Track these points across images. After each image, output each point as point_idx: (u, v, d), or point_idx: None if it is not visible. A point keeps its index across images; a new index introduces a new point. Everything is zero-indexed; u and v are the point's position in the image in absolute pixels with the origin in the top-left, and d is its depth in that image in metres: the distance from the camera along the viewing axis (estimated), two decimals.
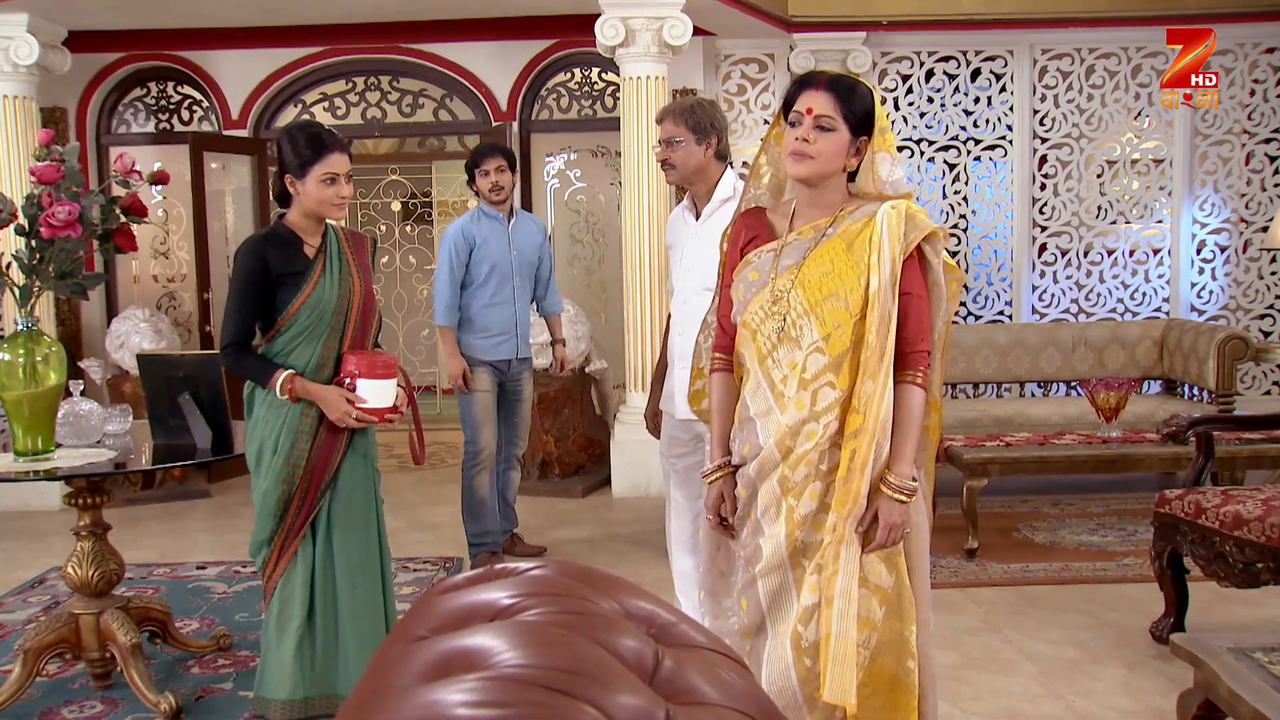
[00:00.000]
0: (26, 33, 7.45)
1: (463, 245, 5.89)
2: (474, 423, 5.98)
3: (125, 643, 4.20)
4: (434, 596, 1.69)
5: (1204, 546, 4.45)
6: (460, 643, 1.38)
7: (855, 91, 2.86)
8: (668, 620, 1.68)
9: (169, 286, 9.33)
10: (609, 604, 1.66)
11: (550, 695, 1.12)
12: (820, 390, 2.83)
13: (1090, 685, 4.37)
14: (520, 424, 6.27)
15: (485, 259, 5.91)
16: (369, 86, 9.14)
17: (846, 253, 2.84)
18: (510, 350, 6.02)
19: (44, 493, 7.57)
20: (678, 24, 7.24)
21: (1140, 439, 6.46)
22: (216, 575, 6.06)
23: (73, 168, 4.10)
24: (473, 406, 5.98)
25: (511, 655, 1.19)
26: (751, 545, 2.93)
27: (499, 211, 5.99)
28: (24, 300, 4.14)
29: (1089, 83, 8.63)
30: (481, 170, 5.93)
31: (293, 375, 3.68)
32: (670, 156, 4.25)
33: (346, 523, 3.81)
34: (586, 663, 1.24)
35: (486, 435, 6.00)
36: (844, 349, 2.83)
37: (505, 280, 5.96)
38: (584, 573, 1.78)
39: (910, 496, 2.84)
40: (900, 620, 2.87)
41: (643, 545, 6.45)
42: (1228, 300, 8.78)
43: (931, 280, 2.93)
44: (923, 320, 2.88)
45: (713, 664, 1.56)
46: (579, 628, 1.46)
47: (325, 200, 3.70)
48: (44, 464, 4.11)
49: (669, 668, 1.46)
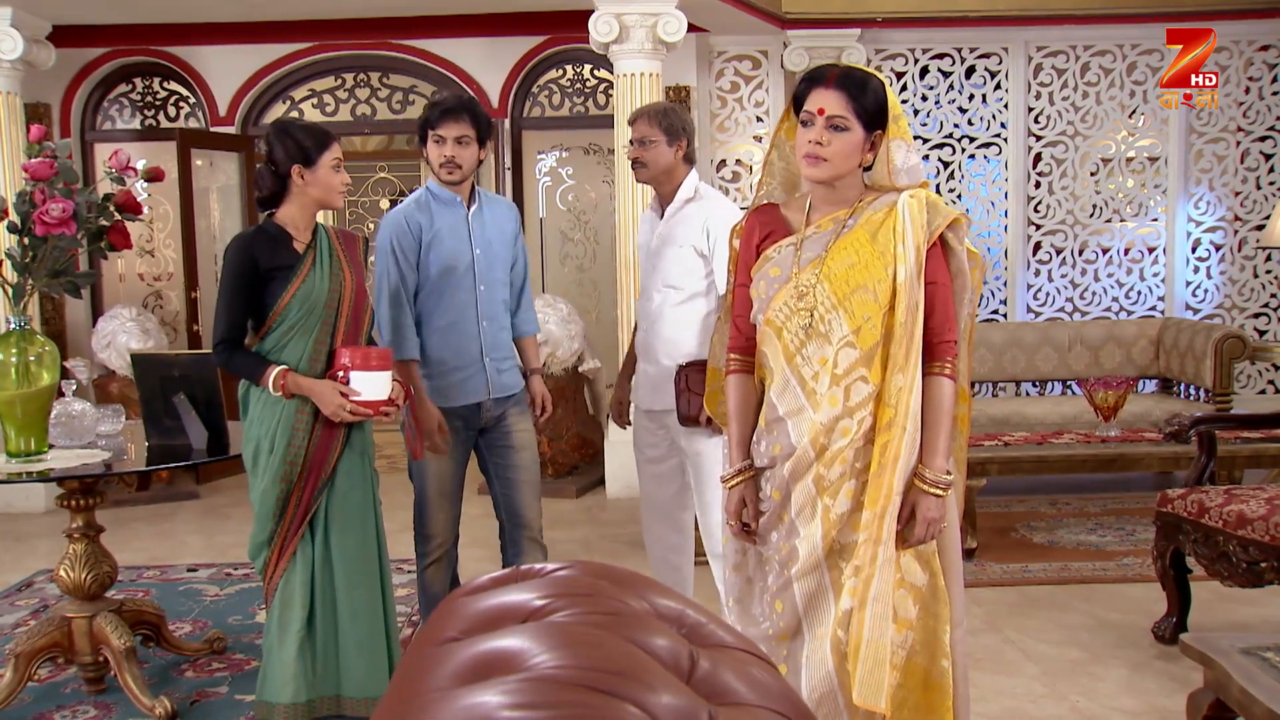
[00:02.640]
0: (10, 27, 7.36)
1: (409, 240, 4.22)
2: (423, 500, 4.36)
3: (119, 646, 4.16)
4: (460, 598, 1.65)
5: (1207, 546, 4.45)
6: (494, 644, 1.36)
7: (867, 87, 2.81)
8: (697, 620, 1.66)
9: (155, 285, 9.24)
10: (639, 603, 1.63)
11: (593, 695, 1.12)
12: (854, 385, 2.79)
13: (1094, 686, 4.35)
14: (524, 487, 4.47)
15: (436, 259, 4.23)
16: (358, 83, 9.07)
17: (871, 243, 2.80)
18: (479, 388, 4.31)
19: (28, 494, 7.49)
20: (672, 20, 7.19)
21: (1139, 438, 6.45)
22: (208, 577, 5.99)
23: (66, 164, 4.05)
24: (425, 476, 4.33)
25: (549, 656, 1.18)
26: (786, 548, 2.88)
27: (455, 194, 4.31)
28: (17, 299, 4.09)
29: (1084, 80, 8.61)
30: (436, 135, 4.21)
31: (285, 370, 3.64)
32: (642, 155, 4.35)
33: (344, 522, 3.77)
34: (626, 663, 1.24)
35: (439, 520, 4.36)
36: (875, 342, 2.79)
37: (465, 288, 4.27)
38: (609, 572, 1.75)
39: (946, 490, 2.81)
40: (935, 619, 2.84)
41: (638, 546, 6.35)
42: (1223, 299, 8.77)
43: (956, 268, 2.90)
44: (948, 310, 2.85)
45: (745, 664, 1.55)
46: (614, 628, 1.44)
47: (334, 187, 3.75)
48: (37, 465, 4.07)
49: (705, 668, 1.45)
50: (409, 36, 8.70)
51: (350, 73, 9.04)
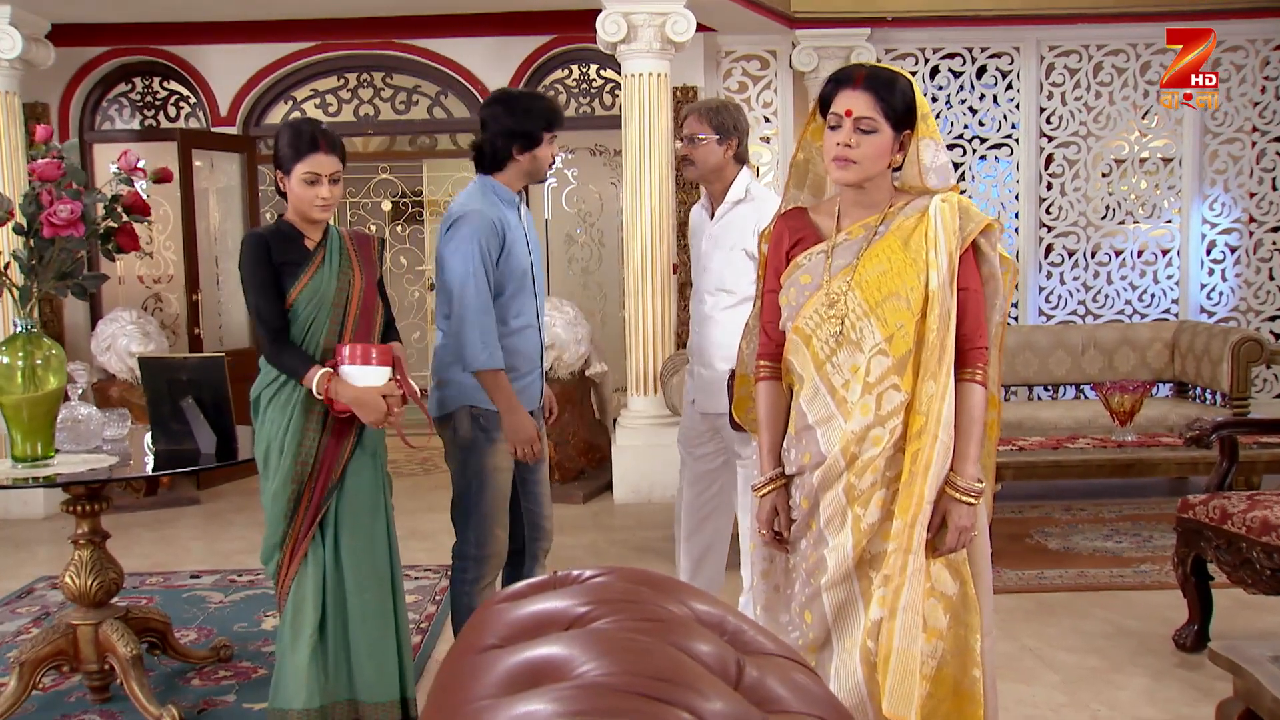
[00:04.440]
0: (9, 25, 7.31)
1: (495, 242, 3.91)
2: (487, 519, 4.03)
3: (126, 654, 4.10)
4: (496, 605, 1.61)
5: (1230, 552, 4.40)
6: (539, 652, 1.34)
7: (895, 86, 2.75)
8: (738, 626, 1.65)
9: (154, 288, 9.20)
10: (680, 609, 1.61)
11: (645, 703, 1.13)
12: (885, 393, 2.74)
13: (1115, 695, 4.29)
14: (543, 496, 4.31)
15: (514, 260, 3.98)
16: (361, 83, 9.01)
17: (903, 250, 2.75)
18: (537, 393, 4.19)
19: (26, 500, 7.41)
20: (680, 20, 7.15)
21: (1156, 443, 6.40)
22: (212, 584, 5.92)
23: (73, 165, 4.00)
24: (487, 493, 4.02)
25: (598, 664, 1.20)
26: (814, 557, 2.83)
27: (515, 195, 4.09)
28: (24, 301, 4.04)
29: (1097, 80, 8.57)
30: (551, 135, 4.03)
31: (330, 375, 3.56)
32: (691, 153, 4.31)
33: (354, 525, 3.72)
34: (676, 669, 1.25)
35: (500, 536, 4.08)
36: (907, 350, 2.74)
37: (529, 290, 4.09)
38: (646, 578, 1.73)
39: (977, 498, 2.77)
40: (965, 628, 2.79)
41: (647, 552, 6.34)
42: (1238, 301, 8.73)
43: (987, 273, 2.85)
44: (980, 316, 2.81)
45: (788, 670, 1.54)
46: (659, 634, 1.42)
47: (305, 200, 3.60)
48: (44, 470, 4.01)
49: (753, 676, 1.44)
50: (413, 36, 8.65)
51: (353, 72, 8.99)
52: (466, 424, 3.96)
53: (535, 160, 4.00)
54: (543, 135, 3.97)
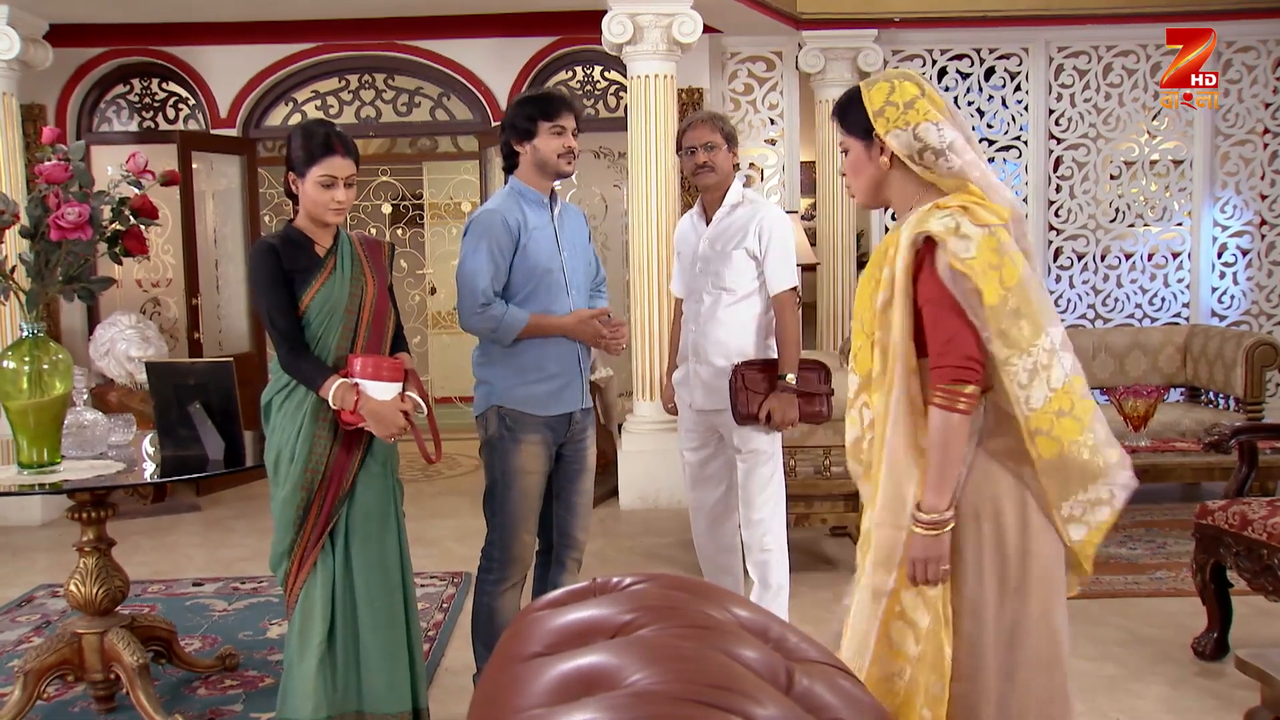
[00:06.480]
0: (7, 26, 7.26)
1: (506, 239, 3.95)
2: (510, 520, 4.05)
3: (132, 663, 4.05)
4: (534, 614, 1.57)
5: (1250, 559, 4.37)
6: (586, 661, 1.30)
7: (849, 103, 2.75)
8: (780, 633, 1.62)
9: (152, 291, 9.11)
10: (723, 615, 1.58)
11: (699, 709, 1.12)
12: (861, 410, 2.78)
13: (1133, 703, 4.26)
14: (581, 508, 4.27)
15: (533, 258, 3.98)
16: (363, 84, 8.96)
17: (873, 267, 2.71)
18: (574, 400, 4.10)
19: (24, 506, 7.34)
20: (687, 20, 7.11)
21: (1170, 448, 6.35)
22: (214, 592, 5.85)
23: (80, 167, 3.96)
24: (512, 493, 4.03)
25: (648, 672, 1.19)
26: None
27: (542, 194, 4.08)
28: (31, 306, 3.99)
29: (1106, 81, 8.55)
30: (556, 126, 3.99)
31: (352, 386, 3.50)
32: (711, 160, 4.45)
33: (364, 534, 3.67)
34: (726, 676, 1.24)
35: (526, 540, 4.09)
36: (868, 369, 2.72)
37: (559, 292, 4.04)
38: (684, 584, 1.69)
39: (938, 529, 2.57)
40: (935, 673, 2.60)
41: (655, 558, 6.29)
42: (1250, 305, 8.70)
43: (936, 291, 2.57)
44: (937, 334, 2.57)
45: (833, 677, 1.50)
46: (705, 641, 1.38)
47: (320, 203, 3.57)
48: (50, 477, 3.96)
49: (804, 684, 1.41)
50: (415, 37, 8.60)
51: (355, 74, 8.94)
52: (494, 423, 4.04)
53: (537, 151, 4.02)
54: (538, 125, 3.99)
